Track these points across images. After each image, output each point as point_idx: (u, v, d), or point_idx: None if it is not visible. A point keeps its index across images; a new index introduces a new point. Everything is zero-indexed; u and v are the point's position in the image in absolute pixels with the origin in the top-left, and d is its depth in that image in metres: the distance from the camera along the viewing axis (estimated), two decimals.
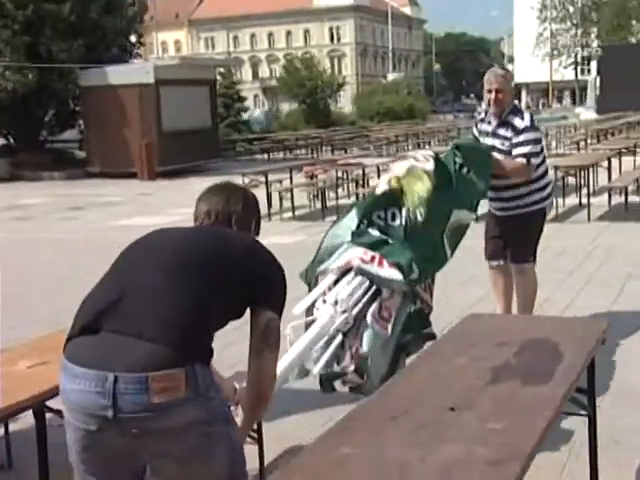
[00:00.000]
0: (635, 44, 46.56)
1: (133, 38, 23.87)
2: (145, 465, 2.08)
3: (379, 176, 12.76)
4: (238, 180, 12.13)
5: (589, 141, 19.72)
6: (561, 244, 8.10)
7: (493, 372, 2.32)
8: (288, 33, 75.19)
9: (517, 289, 4.96)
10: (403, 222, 3.74)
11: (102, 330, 2.00)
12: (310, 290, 3.40)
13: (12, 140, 22.78)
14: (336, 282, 3.26)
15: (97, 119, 19.79)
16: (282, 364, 2.73)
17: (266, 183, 11.76)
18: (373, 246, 3.51)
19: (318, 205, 11.66)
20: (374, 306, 3.21)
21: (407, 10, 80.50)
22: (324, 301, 3.13)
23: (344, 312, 3.07)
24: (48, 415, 2.91)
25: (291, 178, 13.18)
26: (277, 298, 2.22)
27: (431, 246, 3.79)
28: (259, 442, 3.03)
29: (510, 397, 2.15)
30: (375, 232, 3.68)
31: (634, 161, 13.31)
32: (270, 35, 75.74)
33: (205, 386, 1.96)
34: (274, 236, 9.58)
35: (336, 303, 3.07)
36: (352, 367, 3.17)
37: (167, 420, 1.92)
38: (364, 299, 3.21)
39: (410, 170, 3.87)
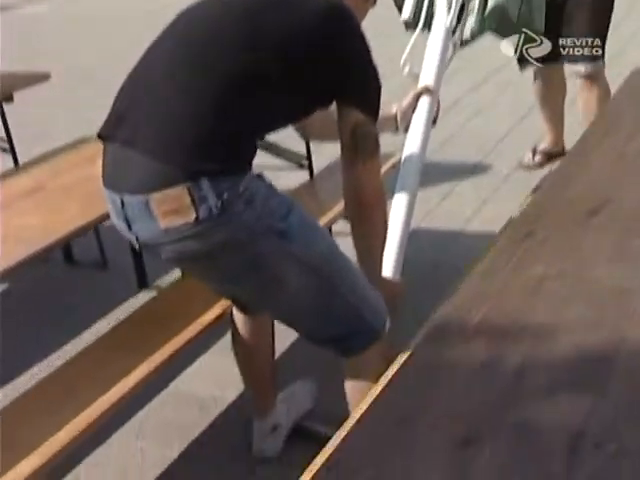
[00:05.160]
0: None
1: None
2: None
3: None
4: None
5: None
6: None
7: None
8: None
9: (583, 106, 3.59)
10: None
11: (117, 139, 1.58)
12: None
13: None
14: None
15: None
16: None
17: None
18: None
19: None
20: None
21: None
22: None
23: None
24: None
25: None
26: (366, 92, 1.63)
27: None
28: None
29: None
30: None
31: None
32: None
33: (222, 202, 1.49)
34: None
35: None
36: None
37: (189, 247, 1.53)
38: None
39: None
